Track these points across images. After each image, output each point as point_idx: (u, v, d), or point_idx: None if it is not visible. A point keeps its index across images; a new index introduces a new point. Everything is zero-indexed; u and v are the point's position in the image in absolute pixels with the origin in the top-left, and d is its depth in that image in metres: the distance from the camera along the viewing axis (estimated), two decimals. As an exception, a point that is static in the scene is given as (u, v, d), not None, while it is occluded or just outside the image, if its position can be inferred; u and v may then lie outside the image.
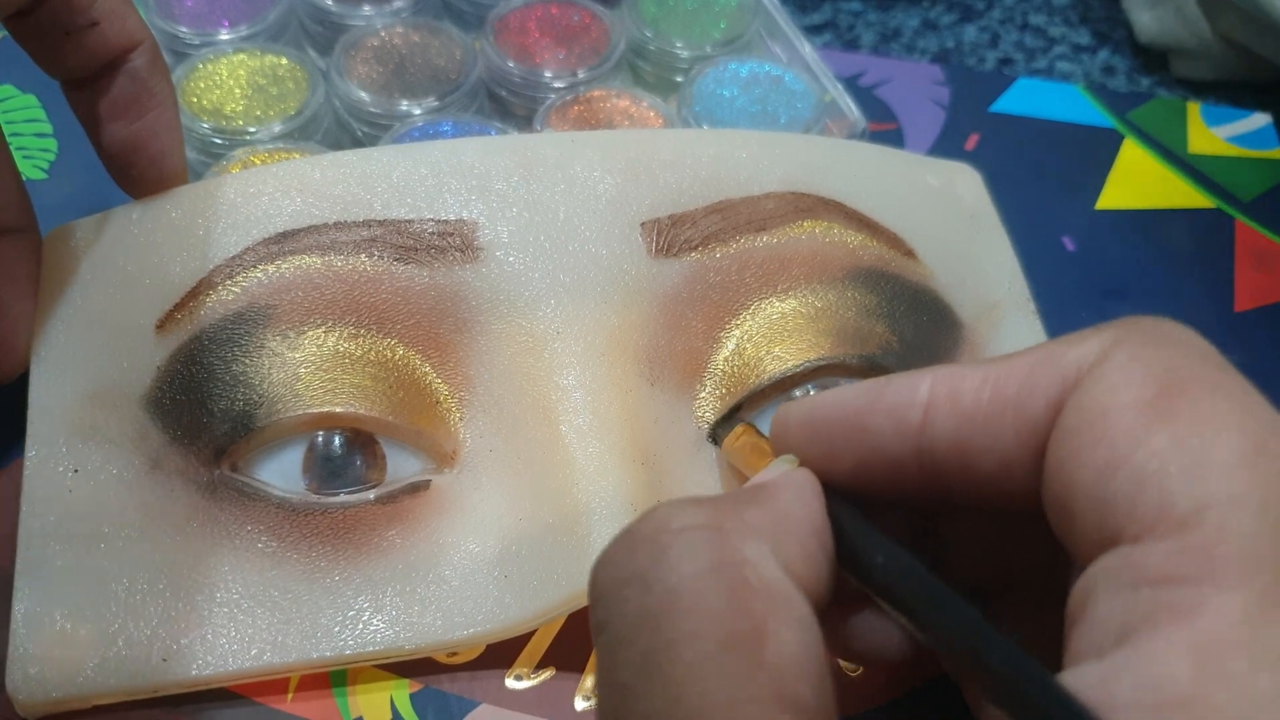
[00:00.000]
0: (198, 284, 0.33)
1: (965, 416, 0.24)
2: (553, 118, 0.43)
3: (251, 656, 0.30)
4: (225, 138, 0.41)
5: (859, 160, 0.39)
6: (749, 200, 0.36)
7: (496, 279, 0.33)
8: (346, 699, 0.31)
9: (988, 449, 0.24)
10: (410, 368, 0.33)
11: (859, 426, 0.26)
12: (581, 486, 0.31)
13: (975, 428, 0.24)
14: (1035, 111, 0.50)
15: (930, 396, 0.25)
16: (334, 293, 0.33)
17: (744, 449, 0.32)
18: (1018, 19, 0.57)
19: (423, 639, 0.31)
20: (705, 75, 0.45)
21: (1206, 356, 0.23)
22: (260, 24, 0.44)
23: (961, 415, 0.24)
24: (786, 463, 0.27)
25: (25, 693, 0.29)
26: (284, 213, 0.34)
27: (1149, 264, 0.44)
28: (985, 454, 0.24)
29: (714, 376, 0.34)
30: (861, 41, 0.55)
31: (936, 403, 0.25)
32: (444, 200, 0.34)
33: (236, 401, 0.32)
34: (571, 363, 0.33)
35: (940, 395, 0.25)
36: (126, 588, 0.31)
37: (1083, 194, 0.47)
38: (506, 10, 0.46)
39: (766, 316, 0.35)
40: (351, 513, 0.32)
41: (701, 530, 0.22)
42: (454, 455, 0.33)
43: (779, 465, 0.27)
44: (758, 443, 0.31)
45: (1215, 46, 0.51)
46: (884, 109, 0.49)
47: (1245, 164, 0.48)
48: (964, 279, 0.38)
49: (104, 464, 0.32)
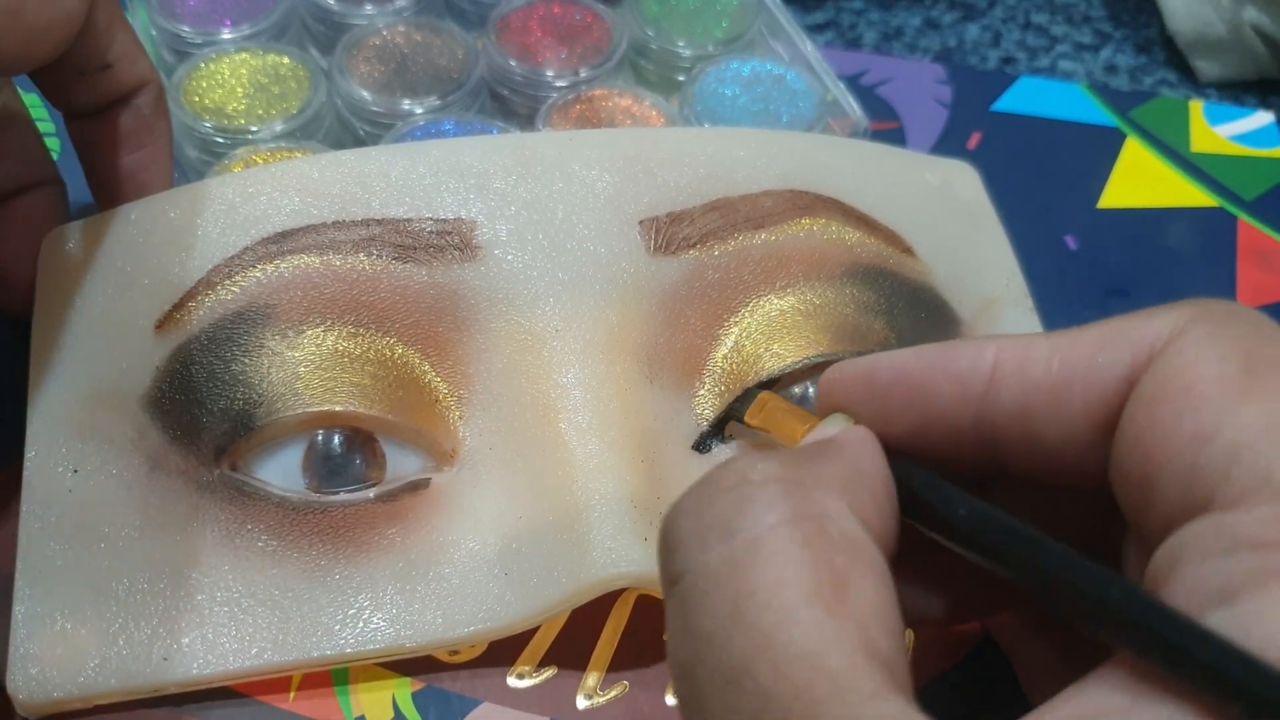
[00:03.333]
0: (196, 284, 0.33)
1: (1032, 385, 0.24)
2: (554, 117, 0.43)
3: (252, 655, 0.30)
4: (227, 137, 0.41)
5: (857, 158, 0.39)
6: (747, 198, 0.36)
7: (495, 277, 0.33)
8: (348, 697, 0.31)
9: (1053, 419, 0.24)
10: (409, 366, 0.33)
11: (919, 388, 0.25)
12: (581, 484, 0.31)
13: (1042, 397, 0.24)
14: (1037, 110, 0.50)
15: (996, 363, 0.25)
16: (333, 292, 0.33)
17: (777, 413, 0.31)
18: (1020, 17, 0.57)
19: (424, 637, 0.31)
20: (707, 74, 0.45)
21: (1276, 337, 0.23)
22: (262, 23, 0.44)
23: (1028, 384, 0.24)
24: (841, 420, 0.27)
25: (26, 693, 0.29)
26: (282, 212, 0.34)
27: (1151, 263, 0.44)
28: (1050, 424, 0.24)
29: (713, 374, 0.34)
30: (863, 40, 0.55)
31: (1003, 370, 0.24)
32: (442, 199, 0.34)
33: (236, 401, 0.32)
34: (571, 360, 0.33)
35: (1007, 363, 0.24)
36: (127, 587, 0.31)
37: (1085, 193, 0.47)
38: (508, 9, 0.46)
39: (765, 314, 0.35)
40: (351, 511, 0.32)
41: (781, 483, 0.22)
42: (454, 453, 0.33)
43: (834, 423, 0.27)
44: (791, 408, 0.31)
45: (1245, 37, 0.51)
46: (886, 108, 0.49)
47: (1248, 163, 0.48)
48: (962, 276, 0.38)
49: (104, 464, 0.32)
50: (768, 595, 0.21)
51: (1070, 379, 0.24)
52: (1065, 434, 0.24)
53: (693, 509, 0.23)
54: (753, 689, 0.20)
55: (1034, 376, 0.24)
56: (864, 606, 0.21)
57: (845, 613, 0.20)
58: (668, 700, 0.32)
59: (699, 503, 0.23)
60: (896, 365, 0.26)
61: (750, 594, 0.21)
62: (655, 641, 0.33)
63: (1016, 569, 0.23)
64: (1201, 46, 0.53)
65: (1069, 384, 0.24)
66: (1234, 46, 0.52)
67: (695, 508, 0.23)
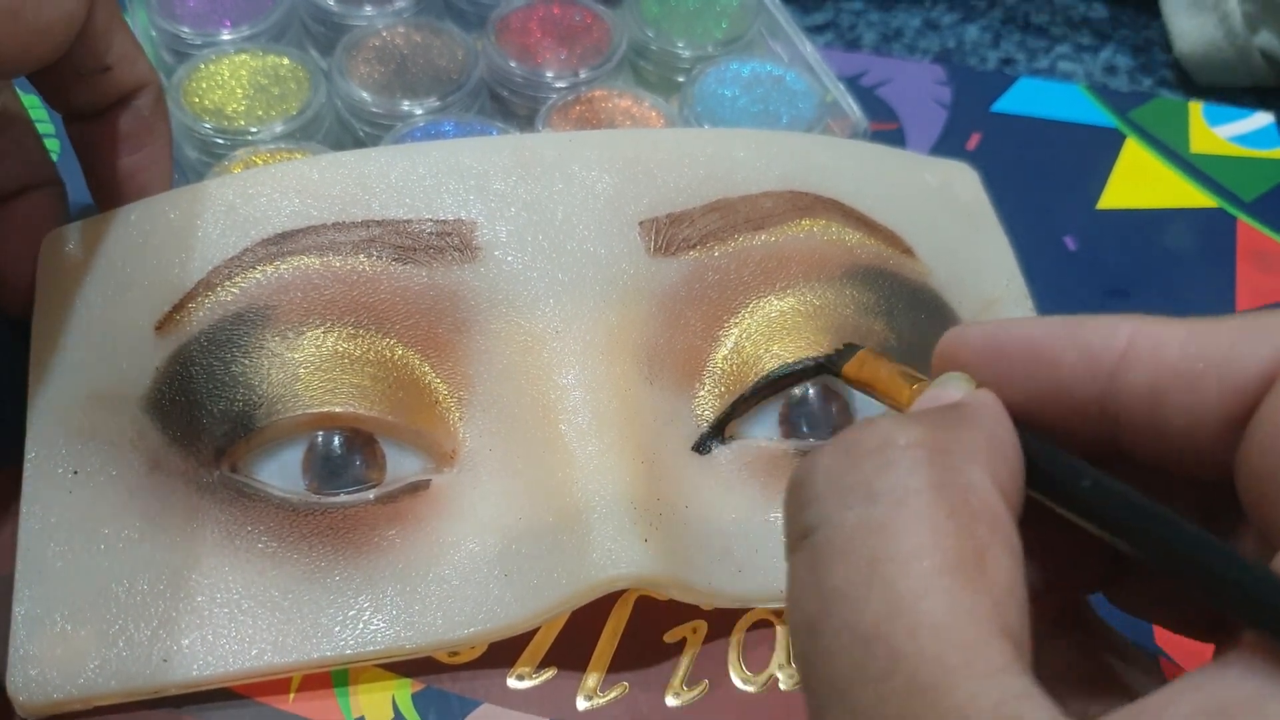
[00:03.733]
0: (196, 285, 0.33)
1: (1167, 369, 0.24)
2: (554, 118, 0.43)
3: (252, 657, 0.30)
4: (227, 138, 0.41)
5: (856, 159, 0.39)
6: (747, 199, 0.36)
7: (495, 278, 0.33)
8: (348, 698, 0.31)
9: (1184, 406, 0.24)
10: (409, 367, 0.33)
11: (1048, 358, 0.25)
12: (581, 485, 0.31)
13: (1175, 382, 0.24)
14: (1037, 111, 0.50)
15: (1131, 342, 0.24)
16: (333, 293, 0.33)
17: (881, 370, 0.30)
18: (1019, 19, 0.57)
19: (423, 638, 0.31)
20: (707, 75, 0.45)
21: None
22: (262, 24, 0.44)
23: (1163, 367, 0.24)
24: (961, 380, 0.26)
25: (26, 694, 0.29)
26: (282, 213, 0.34)
27: (1151, 264, 0.44)
28: (1180, 410, 0.24)
29: (713, 375, 0.34)
30: (863, 41, 0.55)
31: (1137, 350, 0.24)
32: (442, 200, 0.34)
33: (236, 402, 0.32)
34: (571, 361, 0.33)
35: (1142, 343, 0.24)
36: (127, 589, 0.31)
37: (1084, 194, 0.47)
38: (508, 10, 0.46)
39: (765, 315, 0.35)
40: (351, 512, 0.32)
41: (926, 449, 0.22)
42: (454, 454, 0.33)
43: (953, 382, 0.26)
44: (896, 365, 0.30)
45: (1253, 58, 0.51)
46: (886, 109, 0.49)
47: (1247, 164, 0.48)
48: (962, 276, 0.38)
49: (104, 465, 0.32)
50: (907, 560, 0.21)
51: (1206, 366, 0.23)
52: (1194, 421, 0.24)
53: (833, 467, 0.23)
54: (883, 649, 0.20)
55: (1168, 359, 0.24)
56: (999, 581, 0.21)
57: (982, 586, 0.21)
58: (668, 701, 0.32)
59: (840, 461, 0.23)
60: (1022, 332, 0.26)
61: (889, 557, 0.21)
62: (655, 642, 0.33)
63: (1144, 544, 0.23)
64: (1208, 67, 0.53)
65: (1205, 372, 0.23)
66: (1239, 66, 0.52)
67: (835, 466, 0.23)
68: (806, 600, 0.22)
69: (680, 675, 0.32)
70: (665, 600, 0.33)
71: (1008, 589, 0.21)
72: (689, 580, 0.31)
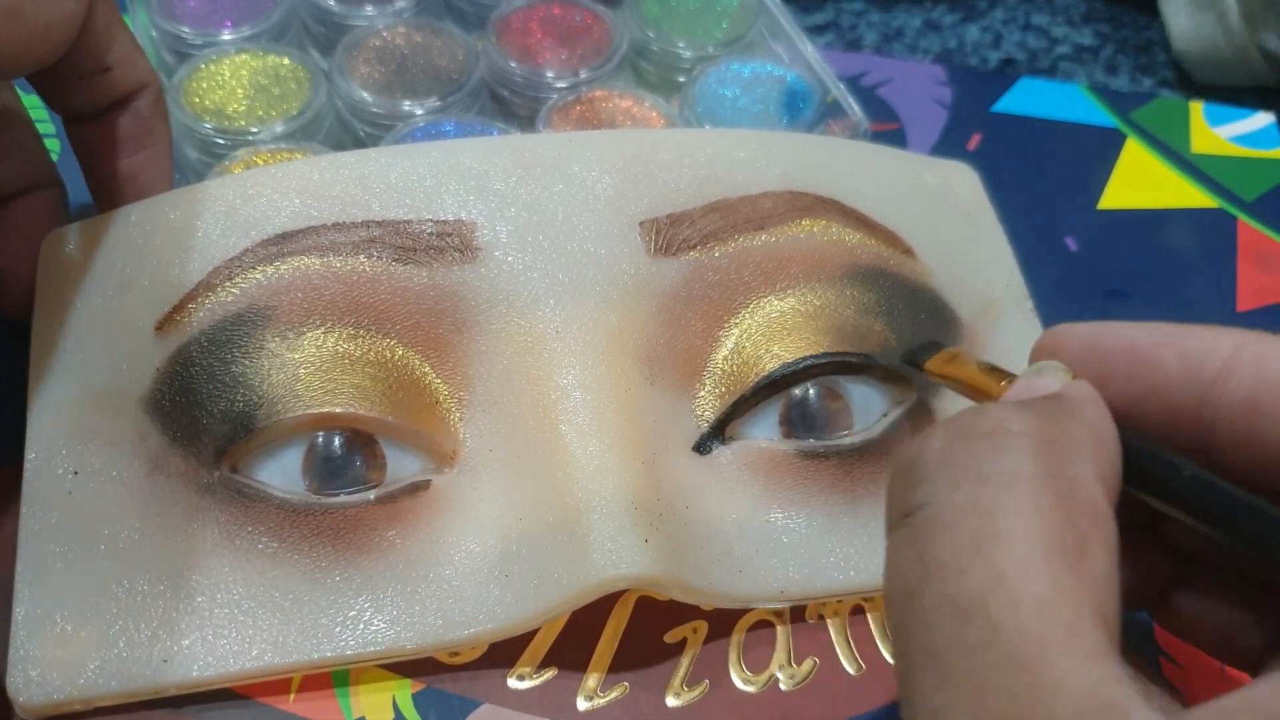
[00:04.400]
0: (196, 285, 0.33)
1: (1269, 381, 0.24)
2: (555, 118, 0.43)
3: (253, 657, 0.30)
4: (227, 138, 0.41)
5: (856, 159, 0.39)
6: (747, 199, 0.36)
7: (495, 279, 0.33)
8: (349, 699, 0.31)
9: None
10: (410, 368, 0.33)
11: (1146, 360, 0.26)
12: (581, 485, 0.31)
13: (1276, 394, 0.24)
14: (1038, 111, 0.50)
15: (1234, 352, 0.25)
16: (333, 293, 0.33)
17: (970, 364, 0.31)
18: (1020, 19, 0.57)
19: (424, 639, 0.31)
20: (707, 75, 0.45)
21: None
22: (262, 24, 0.44)
23: (1265, 378, 0.24)
24: (1059, 369, 0.27)
25: (26, 695, 0.29)
26: (282, 214, 0.34)
27: (1152, 264, 0.44)
28: (1278, 422, 0.24)
29: (713, 375, 0.34)
30: (864, 41, 0.55)
31: (1240, 360, 0.25)
32: (442, 200, 0.34)
33: (236, 403, 0.32)
34: (571, 362, 0.33)
35: (1246, 353, 0.25)
36: (127, 589, 0.31)
37: (1085, 194, 0.47)
38: (509, 10, 0.46)
39: (765, 315, 0.35)
40: (352, 513, 0.32)
41: (1036, 439, 0.23)
42: (454, 455, 0.33)
43: (1052, 372, 0.27)
44: (983, 362, 0.31)
45: (1251, 57, 0.51)
46: (886, 109, 0.49)
47: (1248, 164, 0.48)
48: (962, 277, 0.38)
49: (104, 466, 0.32)
50: (1012, 540, 0.21)
51: None
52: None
53: (945, 449, 0.23)
54: (983, 620, 0.20)
55: (1270, 373, 0.24)
56: (1098, 573, 0.21)
57: (1082, 574, 0.21)
58: (668, 701, 0.32)
59: (953, 444, 0.23)
60: (1125, 334, 0.26)
61: (995, 536, 0.21)
62: (656, 643, 0.33)
63: (1246, 536, 0.23)
64: (1206, 65, 0.53)
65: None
66: (1238, 65, 0.52)
67: (947, 448, 0.23)
68: (908, 570, 0.22)
69: (680, 675, 0.32)
70: (665, 600, 0.33)
71: (1105, 580, 0.21)
72: (689, 580, 0.31)
